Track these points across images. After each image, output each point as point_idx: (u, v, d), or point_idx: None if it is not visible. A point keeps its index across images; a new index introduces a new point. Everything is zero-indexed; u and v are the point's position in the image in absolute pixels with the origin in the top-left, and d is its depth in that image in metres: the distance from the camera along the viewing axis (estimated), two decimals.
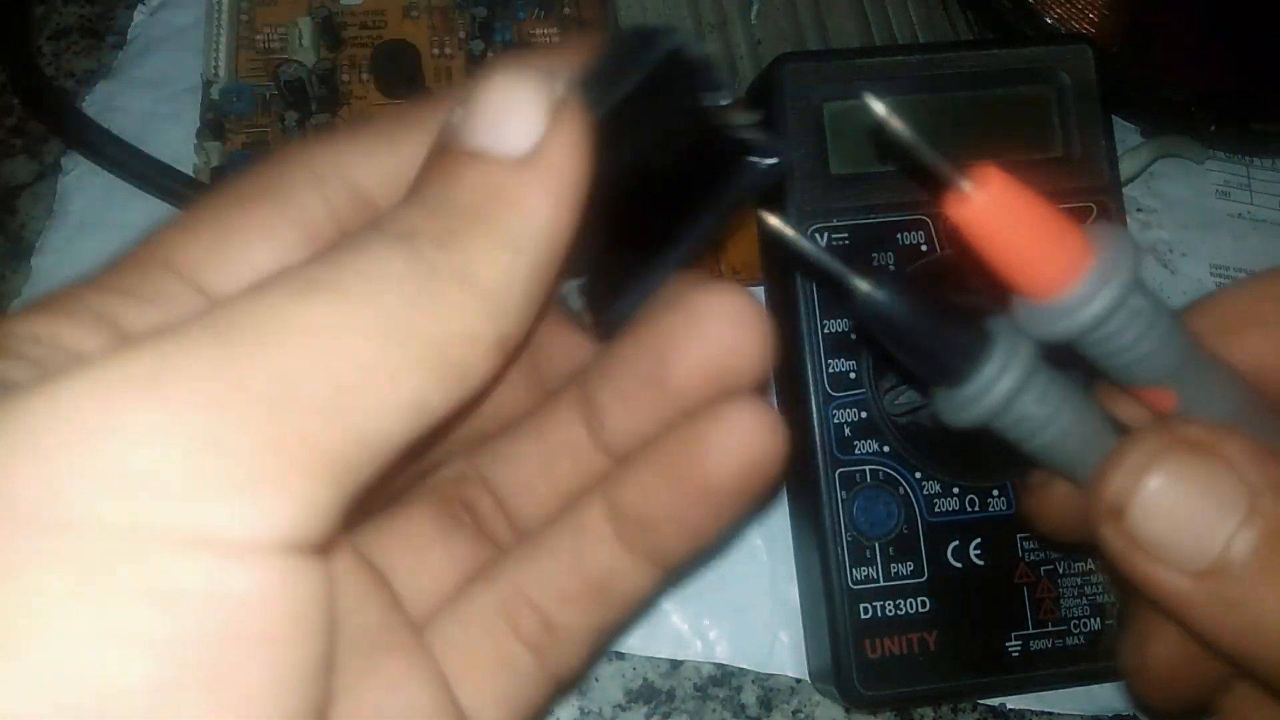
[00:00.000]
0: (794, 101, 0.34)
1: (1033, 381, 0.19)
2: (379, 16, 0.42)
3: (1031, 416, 0.20)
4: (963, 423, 0.20)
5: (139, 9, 0.43)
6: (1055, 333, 0.19)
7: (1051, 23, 0.42)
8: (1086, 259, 0.19)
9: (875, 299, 0.19)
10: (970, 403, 0.20)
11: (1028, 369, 0.19)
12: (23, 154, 0.41)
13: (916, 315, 0.19)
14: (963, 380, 0.20)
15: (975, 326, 0.20)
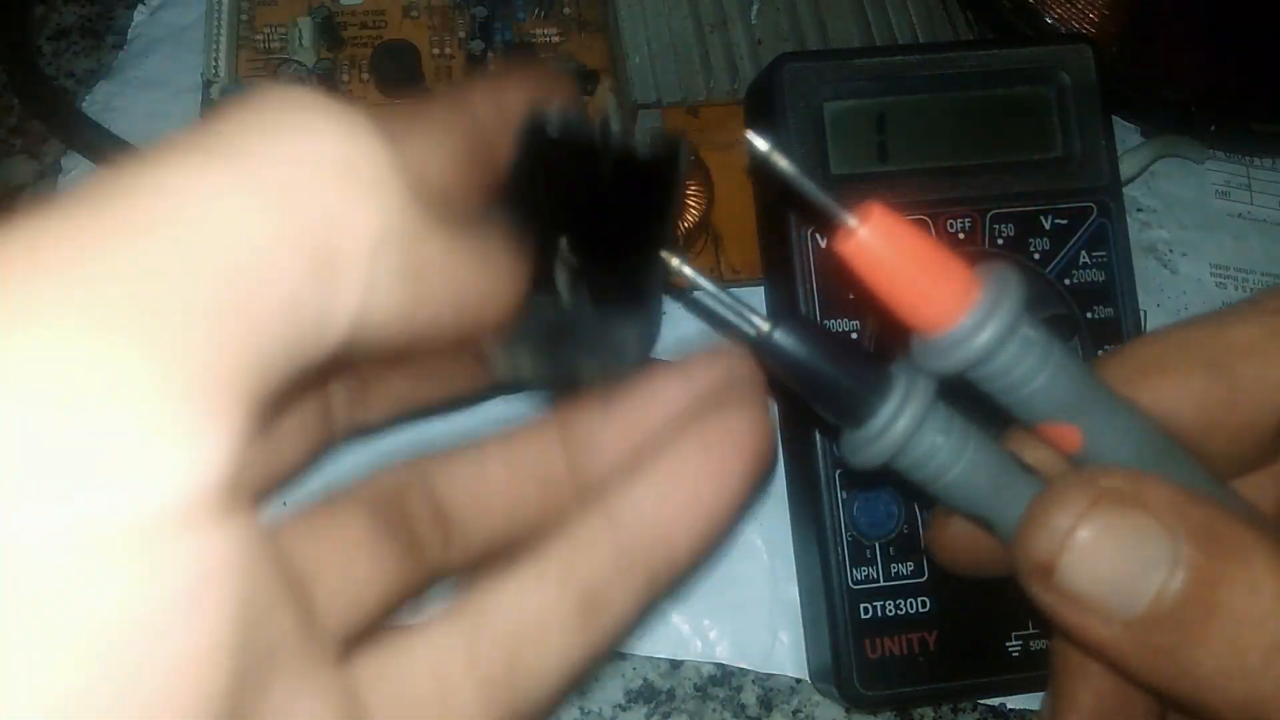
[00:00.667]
0: (794, 101, 0.34)
1: (931, 420, 0.20)
2: (379, 16, 0.42)
3: (932, 456, 0.20)
4: (864, 463, 0.20)
5: (139, 9, 0.43)
6: (946, 366, 0.19)
7: (1051, 23, 0.42)
8: (973, 293, 0.19)
9: (773, 340, 0.19)
10: (869, 443, 0.20)
11: (925, 408, 0.19)
12: (23, 154, 0.41)
13: (815, 356, 0.19)
14: (862, 419, 0.20)
15: (875, 367, 0.20)
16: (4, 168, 0.40)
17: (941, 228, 0.34)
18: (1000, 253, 0.34)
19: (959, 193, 0.34)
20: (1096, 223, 0.35)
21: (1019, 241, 0.34)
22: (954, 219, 0.34)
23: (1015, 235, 0.34)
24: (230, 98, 0.39)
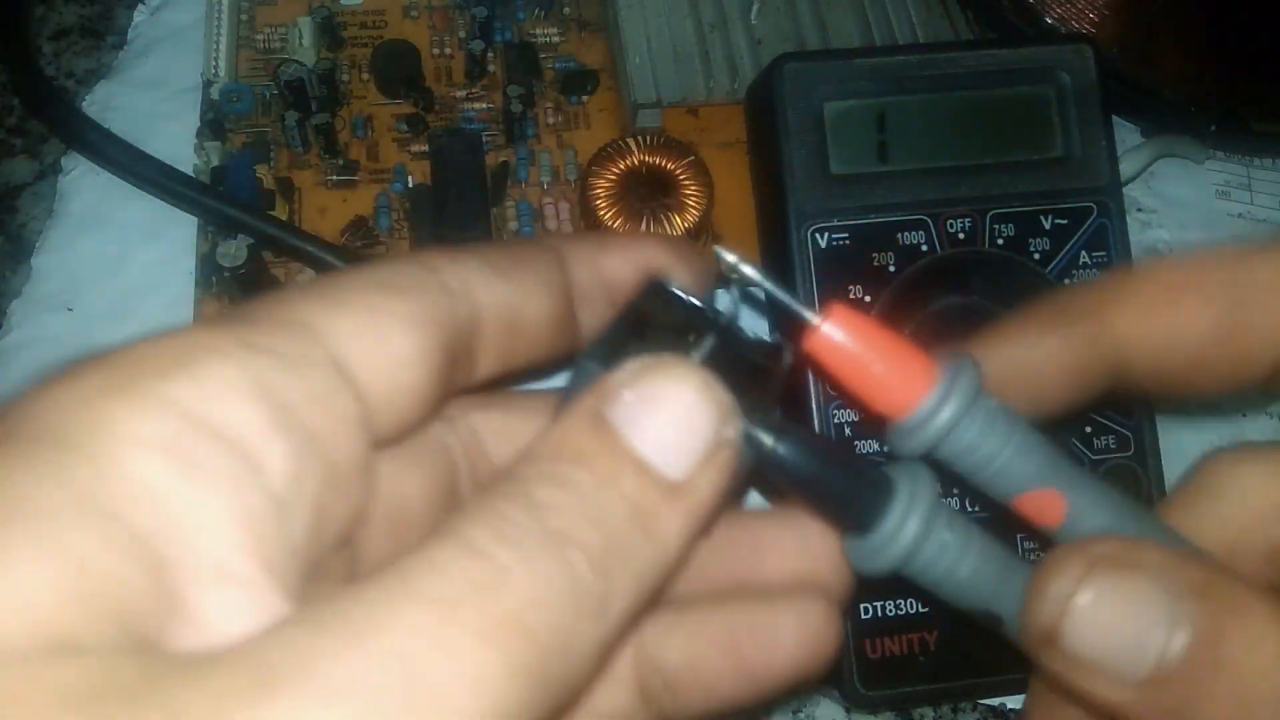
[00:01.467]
0: (794, 101, 0.34)
1: (936, 525, 0.20)
2: (379, 16, 0.42)
3: (937, 561, 0.20)
4: (873, 571, 0.20)
5: (139, 9, 0.43)
6: (913, 448, 0.20)
7: (1051, 23, 0.42)
8: (931, 377, 0.20)
9: (778, 452, 0.19)
10: (877, 552, 0.20)
11: (929, 515, 0.20)
12: (23, 154, 0.41)
13: (818, 467, 0.20)
14: (868, 529, 0.20)
15: (877, 475, 0.20)
16: (4, 168, 0.40)
17: (942, 228, 0.34)
18: (1000, 252, 0.34)
19: (959, 193, 0.34)
20: (1096, 223, 0.35)
21: (1019, 241, 0.34)
22: (954, 219, 0.34)
23: (1015, 235, 0.34)
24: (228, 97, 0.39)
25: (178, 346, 0.16)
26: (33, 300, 0.37)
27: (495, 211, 0.38)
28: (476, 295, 0.19)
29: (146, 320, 0.37)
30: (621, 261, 0.22)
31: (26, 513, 0.13)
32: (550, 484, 0.16)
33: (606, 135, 0.40)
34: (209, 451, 0.15)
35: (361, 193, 0.39)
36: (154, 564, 0.14)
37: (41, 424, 0.14)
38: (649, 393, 0.17)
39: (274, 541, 0.15)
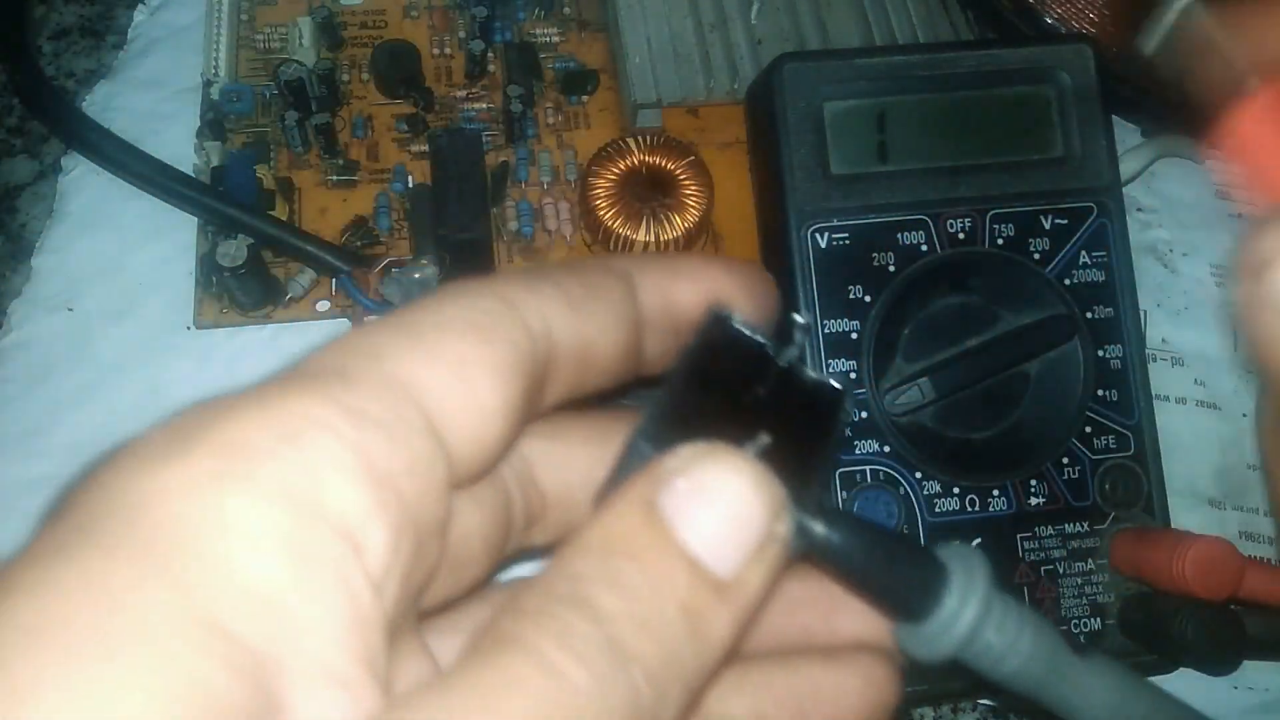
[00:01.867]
0: (794, 101, 0.34)
1: (991, 614, 0.20)
2: (379, 16, 0.42)
3: (992, 647, 0.20)
4: (930, 657, 0.20)
5: (139, 9, 0.43)
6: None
7: (1051, 23, 0.42)
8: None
9: (830, 542, 0.19)
10: (934, 639, 0.20)
11: (985, 603, 0.20)
12: (23, 154, 0.41)
13: (870, 555, 0.19)
14: (923, 616, 0.20)
15: (930, 560, 0.20)
16: (4, 168, 0.40)
17: (942, 228, 0.34)
18: (1000, 252, 0.34)
19: (959, 193, 0.34)
20: (1096, 223, 0.35)
21: (1019, 241, 0.34)
22: (954, 219, 0.34)
23: (1015, 235, 0.34)
24: (228, 96, 0.39)
25: (283, 419, 0.15)
26: (33, 300, 0.37)
27: (495, 211, 0.38)
28: (554, 331, 0.19)
29: (146, 320, 0.37)
30: (689, 290, 0.21)
31: (142, 630, 0.13)
32: (608, 588, 0.16)
33: (606, 135, 0.40)
34: (319, 542, 0.14)
35: (361, 193, 0.39)
36: (262, 674, 0.14)
37: (151, 515, 0.14)
38: (702, 483, 0.17)
39: (373, 633, 0.15)
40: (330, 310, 0.37)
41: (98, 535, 0.14)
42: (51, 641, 0.13)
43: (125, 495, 0.14)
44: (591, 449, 0.22)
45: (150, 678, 0.13)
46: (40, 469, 0.34)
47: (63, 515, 0.14)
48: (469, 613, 0.20)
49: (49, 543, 0.14)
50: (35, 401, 0.35)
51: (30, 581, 0.13)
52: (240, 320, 0.37)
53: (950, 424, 0.34)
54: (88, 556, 0.14)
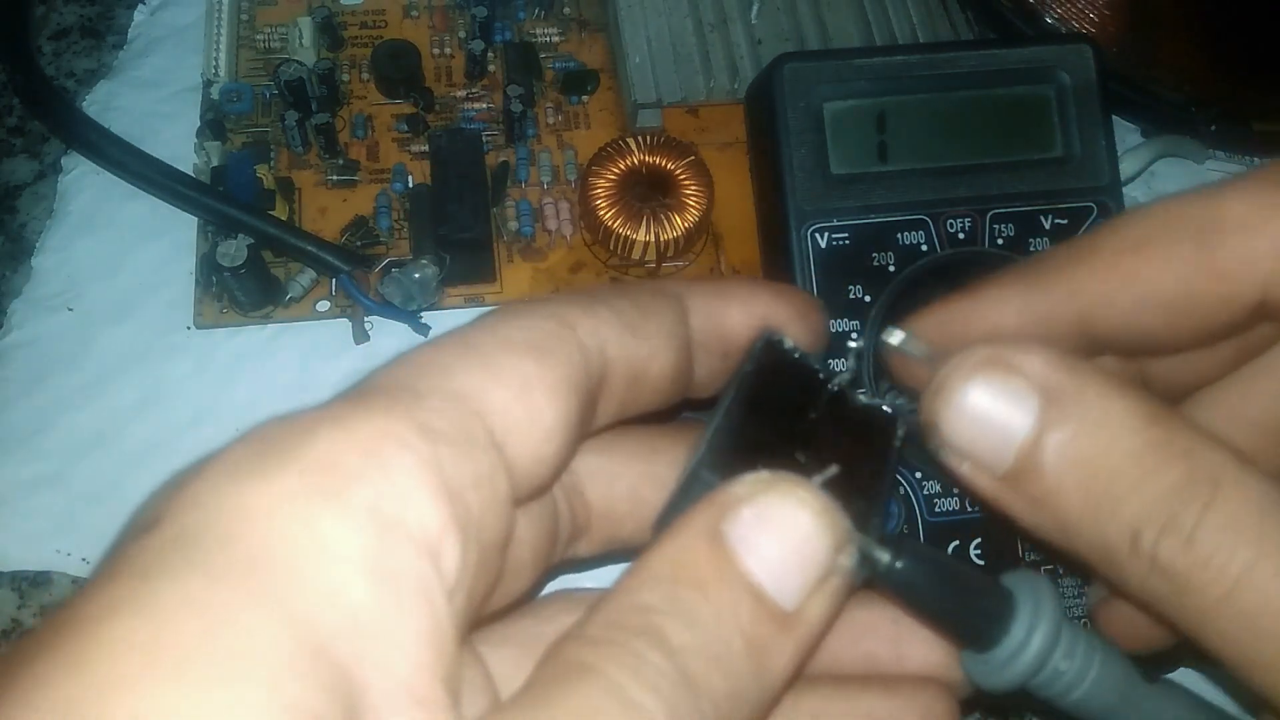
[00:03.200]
0: (794, 101, 0.34)
1: (1061, 638, 0.20)
2: (379, 16, 0.42)
3: (1060, 675, 0.20)
4: (997, 686, 0.20)
5: (139, 9, 0.43)
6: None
7: (1051, 22, 0.42)
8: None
9: (896, 570, 0.19)
10: (1002, 667, 0.20)
11: (1054, 631, 0.20)
12: (23, 154, 0.41)
13: (937, 584, 0.19)
14: (990, 644, 0.20)
15: (997, 588, 0.20)
16: (4, 168, 0.40)
17: (941, 228, 0.34)
18: (1000, 252, 0.34)
19: (959, 193, 0.34)
20: (1096, 223, 0.35)
21: (1019, 241, 0.34)
22: (954, 219, 0.34)
23: (1015, 235, 0.34)
24: (229, 96, 0.39)
25: (365, 438, 0.15)
26: (33, 300, 0.37)
27: (495, 211, 0.38)
28: (609, 352, 0.19)
29: (146, 320, 0.37)
30: (740, 314, 0.22)
31: (251, 661, 0.13)
32: (676, 619, 0.16)
33: (606, 135, 0.40)
34: (403, 561, 0.15)
35: (361, 193, 0.39)
36: (352, 695, 0.14)
37: (248, 535, 0.14)
38: (767, 513, 0.17)
39: (448, 650, 0.15)
40: (330, 310, 0.37)
41: (196, 554, 0.14)
42: (166, 663, 0.13)
43: (220, 513, 0.14)
44: (637, 465, 0.22)
45: (260, 702, 0.13)
46: (40, 469, 0.34)
47: (153, 530, 0.14)
48: (515, 623, 0.20)
49: (145, 559, 0.14)
50: (35, 401, 0.35)
51: (136, 599, 0.13)
52: (240, 320, 0.37)
53: None
54: (190, 577, 0.14)
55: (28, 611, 0.33)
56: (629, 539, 0.22)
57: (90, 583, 0.14)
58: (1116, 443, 0.18)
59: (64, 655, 0.13)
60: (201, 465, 0.15)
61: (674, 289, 0.21)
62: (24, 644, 0.14)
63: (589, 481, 0.22)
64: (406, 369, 0.17)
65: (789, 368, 0.20)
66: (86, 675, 0.13)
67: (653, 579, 0.17)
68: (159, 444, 0.35)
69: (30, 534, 0.33)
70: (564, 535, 0.21)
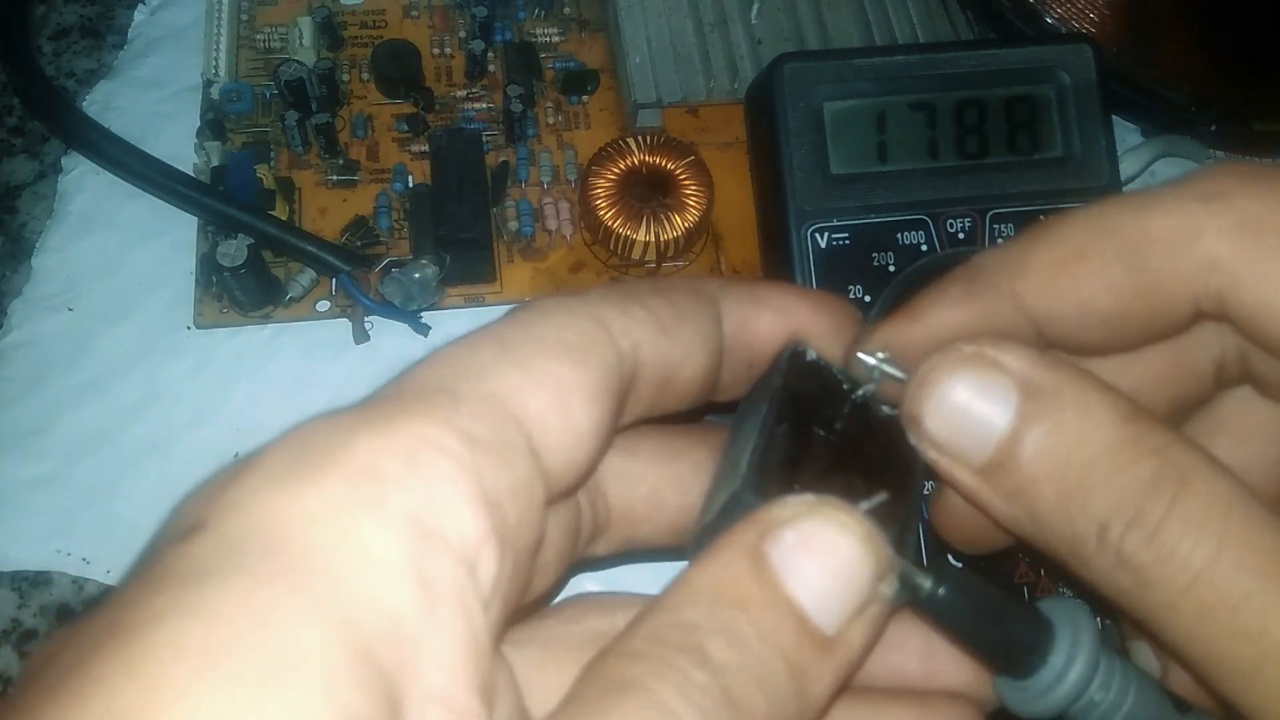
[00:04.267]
0: (794, 101, 0.34)
1: (1099, 669, 0.20)
2: (379, 16, 0.42)
3: (1097, 705, 0.20)
4: (1034, 714, 0.20)
5: (139, 9, 0.43)
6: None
7: (1051, 22, 0.42)
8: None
9: (936, 597, 0.19)
10: (1040, 696, 0.20)
11: (1093, 659, 0.20)
12: (23, 154, 0.41)
13: (977, 611, 0.20)
14: (1029, 672, 0.20)
15: (1036, 616, 0.20)
16: (4, 168, 0.40)
17: (941, 228, 0.34)
18: None
19: (959, 193, 0.34)
20: None
21: None
22: (954, 219, 0.34)
23: (1015, 235, 0.34)
24: (229, 96, 0.39)
25: (403, 443, 0.15)
26: (33, 300, 0.37)
27: (495, 211, 0.38)
28: (642, 354, 0.19)
29: (146, 320, 0.37)
30: (771, 321, 0.22)
31: (300, 664, 0.13)
32: (720, 638, 0.16)
33: (606, 135, 0.40)
34: (442, 570, 0.15)
35: (361, 193, 0.39)
36: (395, 702, 0.14)
37: (292, 542, 0.14)
38: (810, 537, 0.17)
39: (484, 658, 0.15)
40: (330, 310, 0.37)
41: (242, 560, 0.14)
42: (219, 667, 0.13)
43: (263, 519, 0.14)
44: (658, 467, 0.22)
45: (313, 707, 0.13)
46: (40, 469, 0.34)
47: (196, 535, 0.14)
48: (537, 624, 0.21)
49: (190, 564, 0.14)
50: (35, 401, 0.35)
51: (185, 604, 0.13)
52: (240, 320, 0.37)
53: None
54: (237, 582, 0.14)
55: (28, 611, 0.33)
56: (646, 540, 0.23)
57: (134, 586, 0.14)
58: (1091, 438, 0.19)
59: (115, 660, 0.13)
60: (240, 468, 0.15)
61: (710, 290, 0.21)
62: (69, 647, 0.14)
63: (610, 482, 0.22)
64: (443, 369, 0.17)
65: (814, 378, 0.21)
66: (139, 680, 0.13)
67: (695, 596, 0.17)
68: (159, 444, 0.35)
69: (30, 534, 0.33)
70: (584, 535, 0.21)
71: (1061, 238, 0.22)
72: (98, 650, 0.13)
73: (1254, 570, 0.17)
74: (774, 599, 0.17)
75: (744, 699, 0.16)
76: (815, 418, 0.20)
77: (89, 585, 0.33)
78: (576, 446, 0.17)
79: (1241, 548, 0.17)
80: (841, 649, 0.17)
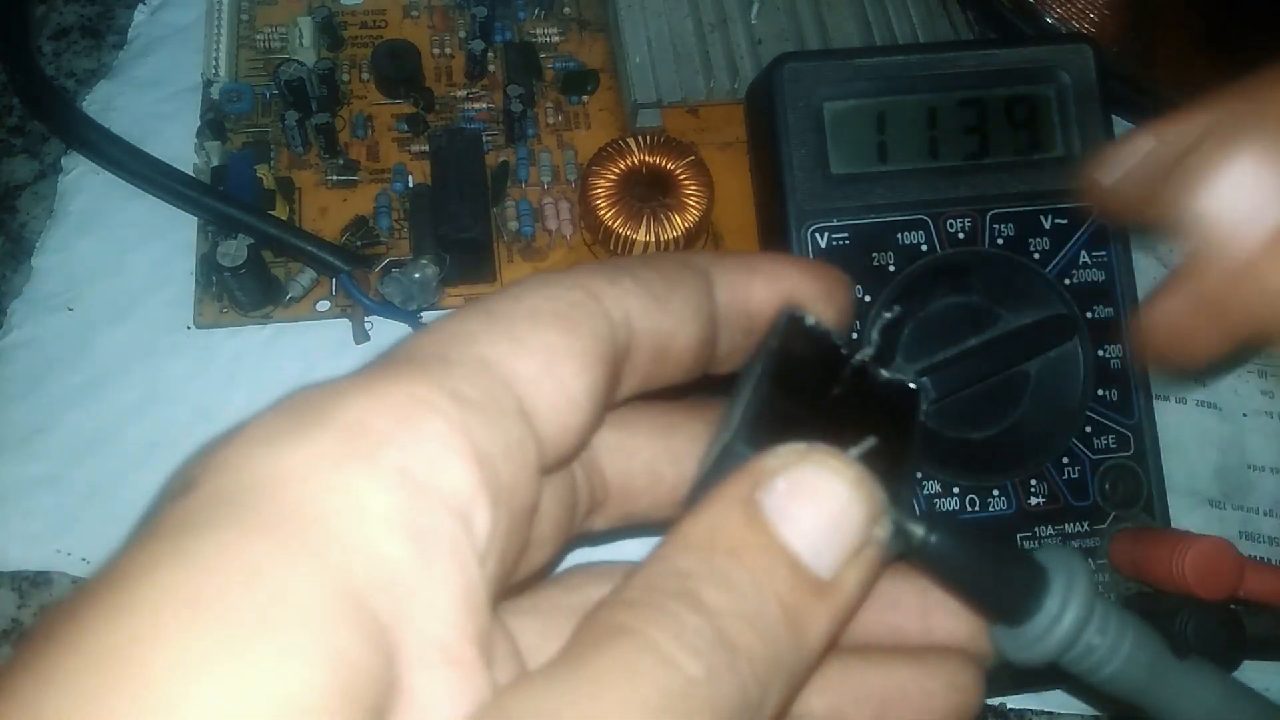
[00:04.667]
0: (794, 101, 0.34)
1: (1094, 614, 0.20)
2: (379, 16, 0.42)
3: (1092, 651, 0.20)
4: (1029, 661, 0.20)
5: (139, 9, 0.43)
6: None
7: (1052, 22, 0.42)
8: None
9: (930, 544, 0.19)
10: (1035, 642, 0.20)
11: (1087, 607, 0.20)
12: (23, 154, 0.41)
13: (971, 558, 0.19)
14: (1023, 618, 0.20)
15: (1030, 562, 0.20)
16: (4, 168, 0.40)
17: (941, 228, 0.34)
18: (1000, 252, 0.34)
19: (959, 193, 0.34)
20: (1096, 223, 0.35)
21: (1019, 241, 0.34)
22: (954, 219, 0.34)
23: (1015, 235, 0.34)
24: (229, 96, 0.39)
25: (395, 403, 0.15)
26: (33, 300, 0.37)
27: (495, 211, 0.38)
28: (634, 324, 0.19)
29: (146, 320, 0.37)
30: (765, 289, 0.22)
31: (292, 609, 0.13)
32: (714, 584, 0.16)
33: (606, 135, 0.40)
34: (436, 522, 0.15)
35: (361, 193, 0.39)
36: (391, 651, 0.14)
37: (283, 495, 0.14)
38: (802, 483, 0.17)
39: (481, 611, 0.15)
40: (330, 310, 0.37)
41: (232, 512, 0.14)
42: (209, 612, 0.13)
43: (254, 475, 0.15)
44: (655, 440, 0.22)
45: (303, 650, 0.13)
46: (40, 469, 0.34)
47: (188, 493, 0.14)
48: (539, 593, 0.21)
49: (180, 519, 0.14)
50: (35, 401, 0.35)
51: (175, 553, 0.14)
52: (240, 320, 0.37)
53: (950, 424, 0.34)
54: (227, 531, 0.14)
55: (28, 611, 0.33)
56: (644, 514, 0.23)
57: (128, 544, 0.14)
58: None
59: (104, 607, 0.13)
60: (233, 432, 0.15)
61: (700, 261, 0.21)
62: (67, 604, 0.14)
63: (607, 456, 0.22)
64: (434, 338, 0.17)
65: (812, 344, 0.21)
66: (128, 625, 0.13)
67: (688, 546, 0.17)
68: (159, 444, 0.35)
69: (30, 534, 0.33)
70: (581, 509, 0.21)
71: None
72: (89, 601, 0.13)
73: None
74: (767, 545, 0.17)
75: (741, 642, 0.16)
76: (811, 380, 0.20)
77: None
78: (569, 411, 0.17)
79: None
80: (837, 593, 0.17)
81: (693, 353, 0.20)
